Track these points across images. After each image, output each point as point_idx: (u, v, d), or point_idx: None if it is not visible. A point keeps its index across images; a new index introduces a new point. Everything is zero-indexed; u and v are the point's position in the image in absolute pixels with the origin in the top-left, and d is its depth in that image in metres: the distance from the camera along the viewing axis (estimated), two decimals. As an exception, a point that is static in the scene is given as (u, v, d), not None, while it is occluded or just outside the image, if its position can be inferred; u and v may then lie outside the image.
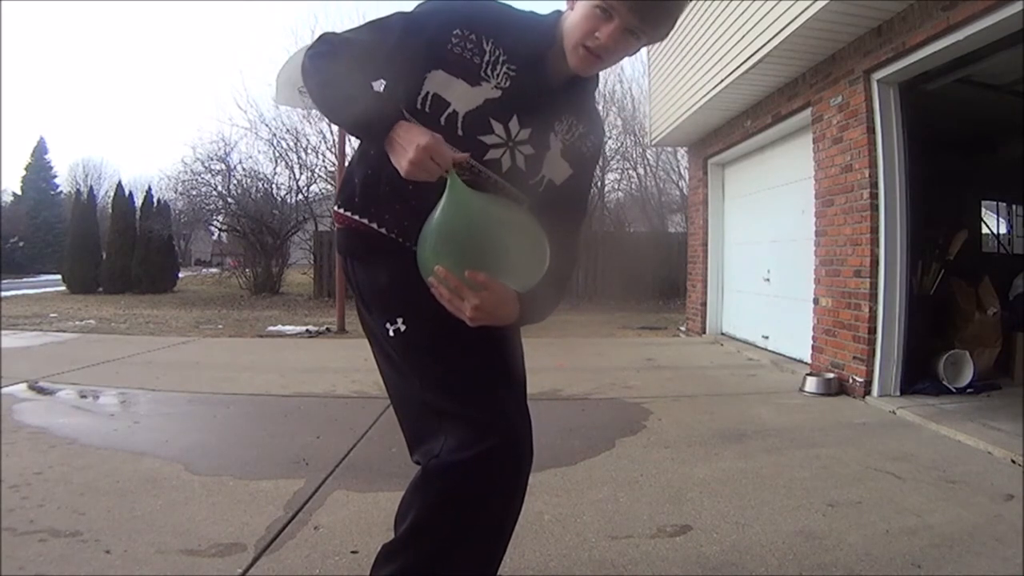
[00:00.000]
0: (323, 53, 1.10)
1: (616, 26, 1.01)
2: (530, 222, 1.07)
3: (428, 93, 1.09)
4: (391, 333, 1.13)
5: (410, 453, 1.18)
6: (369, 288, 1.19)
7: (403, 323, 1.12)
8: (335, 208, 1.22)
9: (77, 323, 8.17)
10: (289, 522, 2.00)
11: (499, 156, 1.11)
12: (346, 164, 1.33)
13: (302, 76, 1.11)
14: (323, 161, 13.87)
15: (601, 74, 1.27)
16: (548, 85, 1.12)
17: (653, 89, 7.22)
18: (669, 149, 13.07)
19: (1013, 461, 2.62)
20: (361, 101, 1.06)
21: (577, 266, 1.37)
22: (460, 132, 1.08)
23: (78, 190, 27.30)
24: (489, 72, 1.09)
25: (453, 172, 1.00)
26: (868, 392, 3.84)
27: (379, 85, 1.16)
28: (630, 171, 15.51)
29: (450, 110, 1.08)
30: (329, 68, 1.09)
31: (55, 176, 38.14)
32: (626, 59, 1.14)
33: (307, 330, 7.32)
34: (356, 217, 1.16)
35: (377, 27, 1.13)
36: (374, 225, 1.14)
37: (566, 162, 1.19)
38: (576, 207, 1.28)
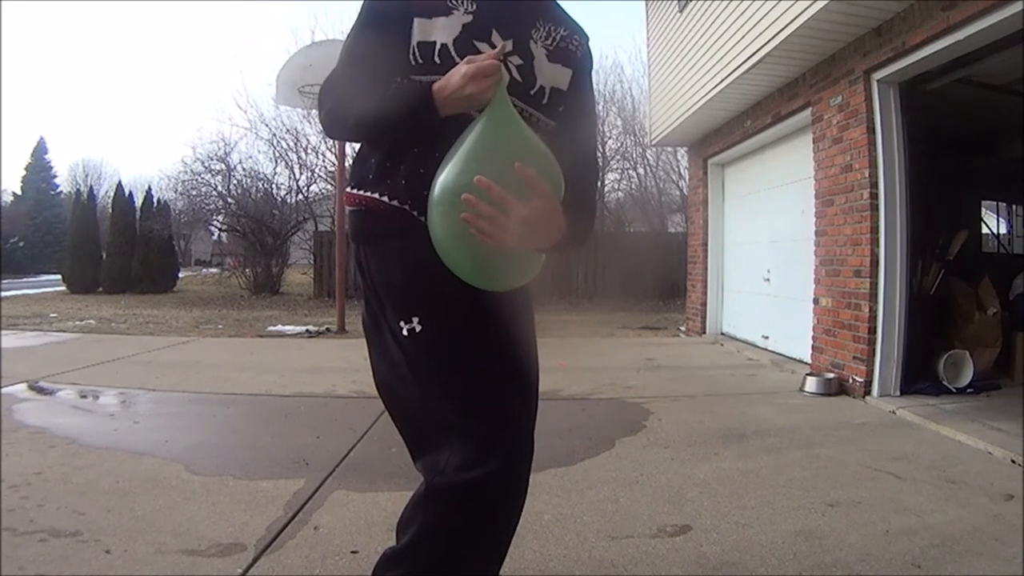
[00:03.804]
0: (333, 107, 1.13)
1: None
2: (551, 154, 1.03)
3: (414, 46, 1.11)
4: (405, 333, 1.07)
5: (413, 461, 1.16)
6: (384, 280, 1.12)
7: (419, 323, 1.07)
8: (347, 189, 1.19)
9: (77, 323, 8.17)
10: (289, 522, 2.00)
11: None
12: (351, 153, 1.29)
13: (334, 138, 1.13)
14: (323, 161, 13.89)
15: (602, 74, 1.28)
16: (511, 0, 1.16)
17: (653, 89, 7.22)
18: (669, 149, 13.07)
19: (1013, 461, 2.62)
20: (394, 102, 1.07)
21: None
22: (457, 59, 1.08)
23: (78, 190, 27.31)
24: (455, 1, 1.12)
25: (503, 84, 0.99)
26: (868, 392, 3.84)
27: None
28: (630, 171, 15.55)
29: (439, 45, 1.11)
30: (348, 109, 1.11)
31: (55, 176, 38.21)
32: (626, 59, 1.15)
33: (307, 330, 7.32)
34: (368, 193, 1.13)
35: (354, 37, 1.16)
36: (385, 198, 1.11)
37: (558, 64, 1.19)
38: (590, 109, 1.29)
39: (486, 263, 0.99)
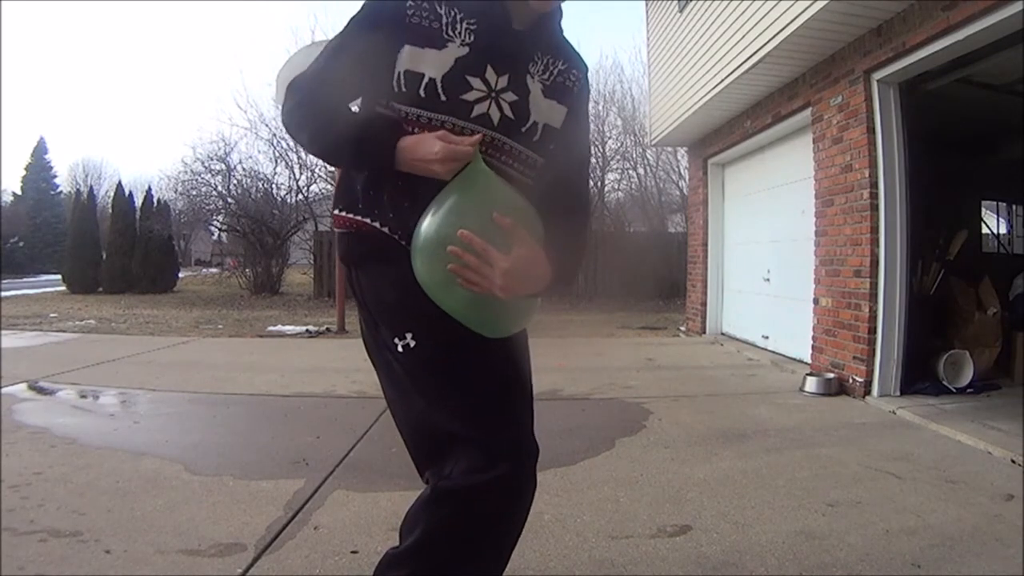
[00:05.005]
0: (299, 104, 1.11)
1: None
2: (529, 206, 1.06)
3: (400, 73, 1.08)
4: (400, 349, 1.08)
5: (419, 473, 1.15)
6: (376, 300, 1.14)
7: (413, 338, 1.08)
8: (335, 212, 1.18)
9: (77, 323, 8.17)
10: (289, 522, 2.00)
11: (486, 110, 1.09)
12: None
13: (289, 134, 1.11)
14: (323, 161, 13.84)
15: (601, 74, 1.28)
16: (511, 29, 1.12)
17: (653, 89, 7.22)
18: (669, 149, 13.07)
19: (1013, 461, 2.62)
20: (355, 141, 1.06)
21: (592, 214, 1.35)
22: (443, 97, 1.07)
23: (78, 190, 27.34)
24: (451, 32, 1.08)
25: (478, 151, 1.01)
26: (868, 392, 3.84)
27: (357, 104, 1.15)
28: (630, 171, 15.52)
29: (426, 79, 1.07)
30: (312, 119, 1.10)
31: (55, 176, 38.23)
32: (626, 59, 1.14)
33: (307, 330, 7.32)
34: (359, 218, 1.13)
35: (339, 43, 1.13)
36: (377, 224, 1.11)
37: (554, 101, 1.17)
38: (584, 147, 1.28)
39: (479, 310, 1.03)
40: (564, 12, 1.20)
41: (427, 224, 1.01)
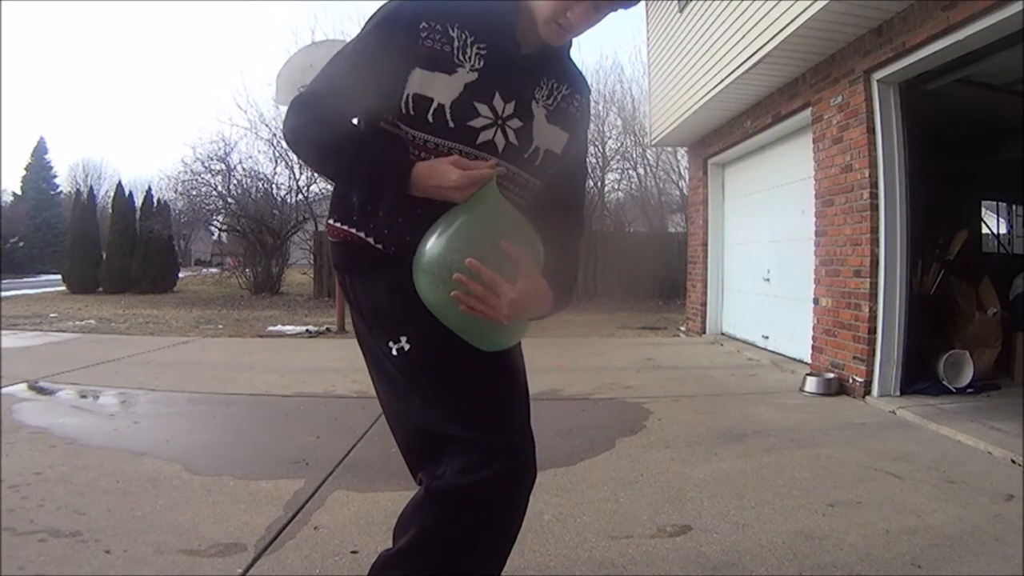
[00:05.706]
0: (306, 123, 1.09)
1: (586, 5, 1.05)
2: (535, 233, 1.08)
3: (409, 95, 1.07)
4: (394, 352, 1.09)
5: (412, 475, 1.16)
6: (370, 305, 1.14)
7: (407, 342, 1.08)
8: (329, 222, 1.18)
9: (77, 323, 8.17)
10: (289, 522, 2.00)
11: (492, 137, 1.10)
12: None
13: (293, 151, 1.10)
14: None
15: (601, 74, 1.28)
16: (520, 53, 1.12)
17: (653, 89, 7.22)
18: (669, 149, 13.07)
19: (1013, 461, 2.62)
20: (369, 168, 1.06)
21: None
22: (451, 124, 1.07)
23: (78, 190, 27.39)
24: (462, 57, 1.08)
25: (492, 180, 1.03)
26: (868, 392, 3.84)
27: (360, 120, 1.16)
28: (630, 171, 15.55)
29: (435, 104, 1.07)
30: (320, 140, 1.09)
31: (55, 176, 38.27)
32: (626, 59, 1.14)
33: (307, 330, 7.32)
34: (353, 231, 1.13)
35: (348, 60, 1.11)
36: (370, 240, 1.11)
37: (556, 127, 1.17)
38: (581, 171, 1.30)
39: (480, 325, 1.04)
40: (573, 46, 1.20)
41: (432, 244, 1.01)
